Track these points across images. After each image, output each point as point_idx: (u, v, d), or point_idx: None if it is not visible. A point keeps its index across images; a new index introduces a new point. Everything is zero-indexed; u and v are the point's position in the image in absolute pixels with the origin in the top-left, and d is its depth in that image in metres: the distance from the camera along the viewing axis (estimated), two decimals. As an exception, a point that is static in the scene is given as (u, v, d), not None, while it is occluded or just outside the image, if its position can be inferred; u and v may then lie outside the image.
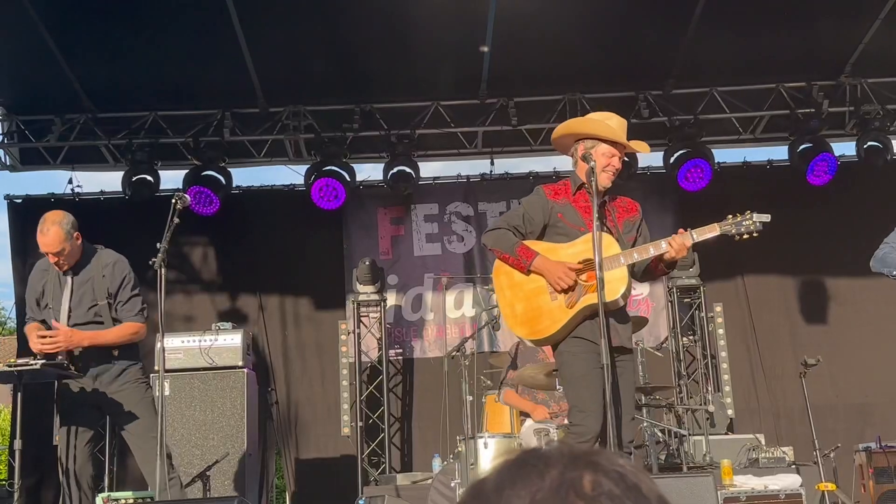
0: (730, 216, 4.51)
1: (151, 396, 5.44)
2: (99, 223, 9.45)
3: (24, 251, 10.06)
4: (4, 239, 10.31)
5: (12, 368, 4.97)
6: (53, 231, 5.13)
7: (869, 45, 9.09)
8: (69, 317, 5.24)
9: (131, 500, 6.02)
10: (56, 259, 5.21)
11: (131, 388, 5.31)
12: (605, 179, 4.56)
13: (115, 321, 5.31)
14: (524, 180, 10.21)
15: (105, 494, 6.18)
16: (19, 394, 5.42)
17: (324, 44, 8.95)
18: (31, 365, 4.98)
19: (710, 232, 4.47)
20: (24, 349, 6.88)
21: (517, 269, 4.61)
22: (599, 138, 4.60)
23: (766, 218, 4.45)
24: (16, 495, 5.21)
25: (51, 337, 5.08)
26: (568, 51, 9.01)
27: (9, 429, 12.89)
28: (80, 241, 5.27)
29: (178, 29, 8.53)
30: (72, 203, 9.94)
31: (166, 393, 6.86)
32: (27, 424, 8.11)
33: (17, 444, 5.49)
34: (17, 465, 5.35)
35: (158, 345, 5.98)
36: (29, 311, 5.49)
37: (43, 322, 5.37)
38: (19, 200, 10.26)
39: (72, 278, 5.28)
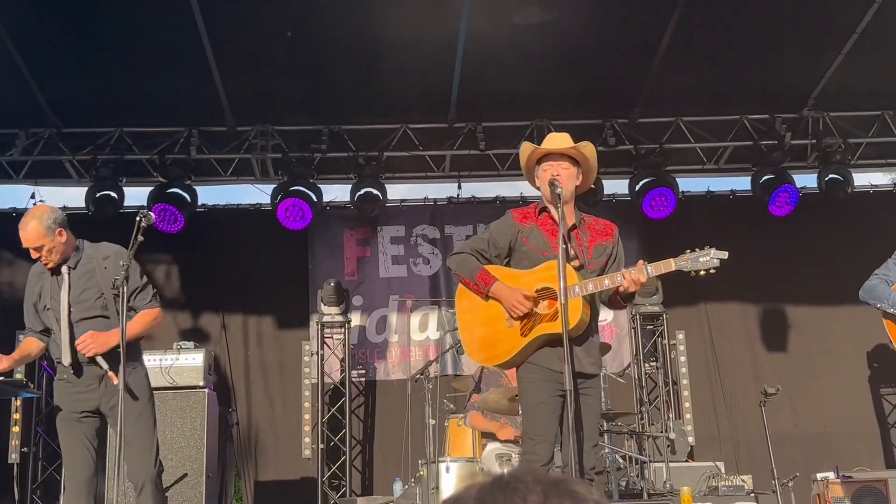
0: (687, 251, 4.44)
1: (153, 405, 5.20)
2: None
3: (-16, 265, 9.92)
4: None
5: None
6: (31, 226, 4.89)
7: (831, 80, 9.25)
8: (70, 312, 4.95)
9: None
10: (37, 255, 4.95)
11: (139, 393, 5.03)
12: (547, 193, 4.60)
13: (131, 310, 5.04)
14: (491, 204, 10.28)
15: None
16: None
17: (293, 64, 8.94)
18: (-13, 382, 4.89)
19: (665, 268, 4.43)
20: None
21: (477, 294, 4.64)
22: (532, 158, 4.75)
23: (724, 255, 4.39)
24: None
25: (83, 342, 4.84)
26: (536, 78, 9.08)
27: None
28: (64, 238, 4.95)
29: (146, 45, 8.49)
30: (34, 218, 9.78)
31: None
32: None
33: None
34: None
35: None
36: (27, 321, 5.18)
37: (44, 332, 5.12)
38: (-21, 214, 10.12)
39: (69, 273, 5.00)
